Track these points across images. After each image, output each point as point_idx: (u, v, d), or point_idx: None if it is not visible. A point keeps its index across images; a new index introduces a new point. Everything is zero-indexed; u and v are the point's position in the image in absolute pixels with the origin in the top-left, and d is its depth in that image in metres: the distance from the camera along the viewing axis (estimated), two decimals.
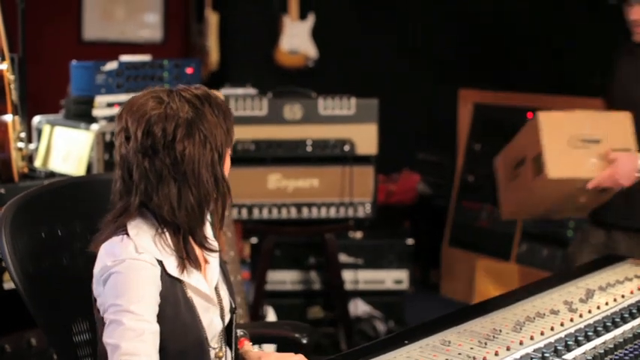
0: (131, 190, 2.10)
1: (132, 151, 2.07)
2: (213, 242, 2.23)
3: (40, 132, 4.04)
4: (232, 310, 2.31)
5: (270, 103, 4.37)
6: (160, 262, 2.08)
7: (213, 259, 2.27)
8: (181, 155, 2.04)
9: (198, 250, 2.21)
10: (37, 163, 3.89)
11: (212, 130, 2.08)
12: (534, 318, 2.34)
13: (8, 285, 3.15)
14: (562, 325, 2.29)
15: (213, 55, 6.94)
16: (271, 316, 4.42)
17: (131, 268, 2.03)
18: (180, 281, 2.12)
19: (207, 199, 2.12)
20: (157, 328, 2.03)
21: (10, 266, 2.28)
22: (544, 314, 2.37)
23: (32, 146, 3.86)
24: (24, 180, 3.39)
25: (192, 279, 2.15)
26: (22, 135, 3.43)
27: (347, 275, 4.84)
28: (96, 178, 3.05)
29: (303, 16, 6.49)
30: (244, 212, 4.37)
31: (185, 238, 2.13)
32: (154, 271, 2.06)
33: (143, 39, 7.14)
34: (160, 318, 2.05)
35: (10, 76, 3.35)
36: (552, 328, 2.26)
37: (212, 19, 6.94)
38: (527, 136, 3.60)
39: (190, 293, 2.14)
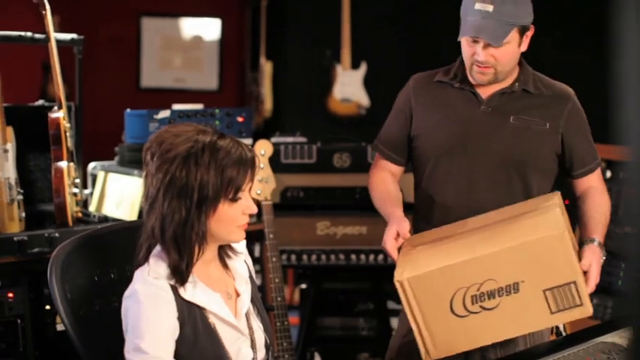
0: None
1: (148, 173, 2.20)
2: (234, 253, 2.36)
3: (94, 178, 4.14)
4: (267, 346, 2.36)
5: (319, 152, 4.43)
6: (174, 287, 2.15)
7: (245, 292, 2.33)
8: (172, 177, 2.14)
9: (223, 276, 2.31)
10: (92, 208, 3.98)
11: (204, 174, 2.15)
12: None
13: (61, 327, 3.23)
14: None
15: (267, 103, 7.04)
16: None
17: (145, 296, 2.13)
18: (199, 307, 2.18)
19: (188, 231, 2.17)
20: None
21: (60, 307, 2.35)
22: None
23: (87, 192, 3.95)
24: (78, 224, 3.48)
25: (212, 305, 2.21)
26: (77, 181, 3.53)
27: (395, 322, 4.84)
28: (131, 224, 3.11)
29: (355, 65, 6.57)
30: (293, 258, 4.42)
31: (187, 258, 2.18)
32: (166, 297, 2.14)
33: (200, 87, 7.27)
34: (179, 342, 2.14)
35: (66, 124, 3.46)
36: None
37: (266, 67, 7.05)
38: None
39: (213, 319, 2.21)
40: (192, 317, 2.17)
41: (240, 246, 2.40)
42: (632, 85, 0.80)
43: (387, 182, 3.01)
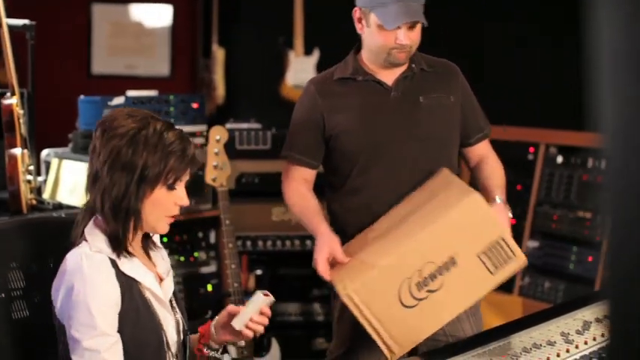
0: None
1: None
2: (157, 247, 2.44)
3: (48, 165, 4.10)
4: (184, 331, 2.42)
5: (274, 138, 4.43)
6: (114, 262, 2.21)
7: (168, 277, 2.40)
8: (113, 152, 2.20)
9: (148, 262, 2.36)
10: (46, 195, 3.94)
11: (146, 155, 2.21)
12: (531, 349, 2.38)
13: None
14: (558, 356, 2.33)
15: (220, 89, 7.01)
16: (274, 347, 4.46)
17: (90, 270, 2.16)
18: (135, 281, 2.24)
19: (124, 206, 2.22)
20: (116, 338, 2.17)
21: None
22: (540, 345, 2.41)
23: (41, 179, 3.91)
24: (32, 212, 3.45)
25: (147, 280, 2.27)
26: (31, 168, 3.49)
27: None
28: (49, 219, 3.03)
29: (308, 51, 6.56)
30: (248, 244, 4.42)
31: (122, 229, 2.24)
32: (108, 270, 2.19)
33: (151, 73, 7.22)
34: (122, 317, 2.19)
35: (19, 111, 3.42)
36: (548, 359, 2.30)
37: (218, 54, 7.02)
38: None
39: (148, 295, 2.27)
40: (130, 291, 2.22)
41: (159, 241, 2.49)
42: (605, 72, 0.82)
43: (304, 195, 3.03)
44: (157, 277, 2.35)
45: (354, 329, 2.91)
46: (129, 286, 2.22)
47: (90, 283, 2.15)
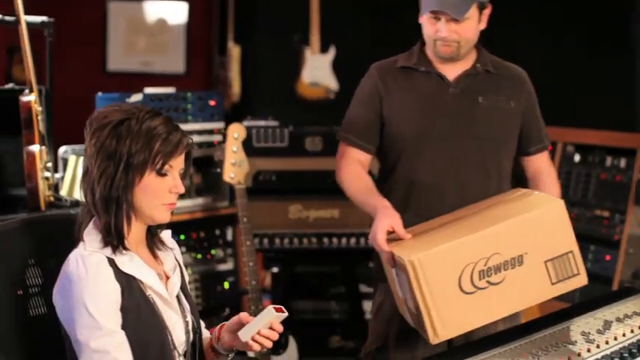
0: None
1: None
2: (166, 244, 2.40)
3: (65, 162, 4.09)
4: (194, 330, 2.39)
5: (291, 135, 4.43)
6: (112, 261, 2.18)
7: (175, 275, 2.37)
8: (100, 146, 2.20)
9: (153, 259, 2.34)
10: (63, 192, 3.94)
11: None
12: (551, 348, 2.37)
13: None
14: (579, 355, 2.31)
15: (235, 87, 7.00)
16: (291, 345, 4.45)
17: (86, 270, 2.14)
18: (135, 278, 2.21)
19: (113, 196, 2.20)
20: (122, 336, 2.14)
21: None
22: (561, 345, 2.40)
23: (58, 176, 3.91)
24: (50, 209, 3.45)
25: (149, 279, 2.24)
26: (49, 165, 3.49)
27: (367, 305, 4.86)
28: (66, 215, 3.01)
29: (324, 49, 6.55)
30: (265, 242, 4.42)
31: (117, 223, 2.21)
32: (106, 268, 2.16)
33: (166, 70, 7.22)
34: (122, 315, 2.16)
35: (37, 108, 3.42)
36: (569, 359, 2.29)
37: (234, 51, 7.01)
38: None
39: (151, 293, 2.24)
40: (131, 289, 2.20)
41: (171, 241, 2.45)
42: None
43: (361, 176, 3.02)
44: (162, 275, 2.33)
45: (389, 327, 2.92)
46: (128, 284, 2.19)
47: (88, 285, 2.12)
